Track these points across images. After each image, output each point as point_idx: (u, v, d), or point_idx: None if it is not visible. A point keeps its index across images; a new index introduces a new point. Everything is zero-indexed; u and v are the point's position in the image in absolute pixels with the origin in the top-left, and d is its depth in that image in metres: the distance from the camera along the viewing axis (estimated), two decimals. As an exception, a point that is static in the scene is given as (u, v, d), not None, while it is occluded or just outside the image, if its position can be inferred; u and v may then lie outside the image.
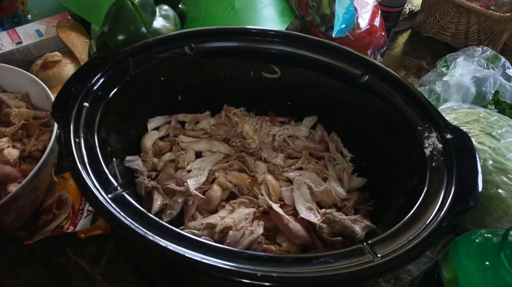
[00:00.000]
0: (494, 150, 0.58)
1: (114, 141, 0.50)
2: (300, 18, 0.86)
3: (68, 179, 0.60)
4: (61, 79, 0.71)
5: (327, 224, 0.49)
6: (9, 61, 0.73)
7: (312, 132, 0.63)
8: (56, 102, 0.45)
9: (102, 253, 0.56)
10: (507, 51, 1.01)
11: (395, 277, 0.57)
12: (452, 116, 0.65)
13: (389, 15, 0.92)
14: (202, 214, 0.51)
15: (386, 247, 0.37)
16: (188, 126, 0.62)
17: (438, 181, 0.44)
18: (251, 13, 0.77)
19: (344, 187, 0.57)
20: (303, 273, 0.35)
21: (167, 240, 0.35)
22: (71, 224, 0.55)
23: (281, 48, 0.58)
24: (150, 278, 0.49)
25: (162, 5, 0.66)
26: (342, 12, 0.79)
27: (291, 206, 0.53)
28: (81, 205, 0.57)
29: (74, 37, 0.77)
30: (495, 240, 0.39)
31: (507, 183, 0.56)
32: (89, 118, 0.45)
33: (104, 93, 0.48)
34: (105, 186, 0.39)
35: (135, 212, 0.38)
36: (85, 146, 0.42)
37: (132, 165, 0.53)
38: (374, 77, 0.55)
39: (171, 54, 0.55)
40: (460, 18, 0.96)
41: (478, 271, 0.39)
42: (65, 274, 0.54)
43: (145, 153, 0.56)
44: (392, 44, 1.01)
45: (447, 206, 0.41)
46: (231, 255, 0.35)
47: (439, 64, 0.86)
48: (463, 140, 0.47)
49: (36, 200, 0.56)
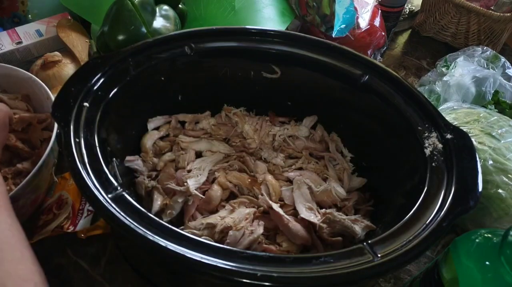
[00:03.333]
0: (494, 150, 0.58)
1: (114, 141, 0.50)
2: (300, 18, 0.86)
3: (68, 179, 0.60)
4: (61, 79, 0.71)
5: (327, 224, 0.49)
6: (9, 61, 0.73)
7: (312, 132, 0.63)
8: (56, 102, 0.45)
9: (102, 253, 0.56)
10: (507, 51, 1.01)
11: (395, 277, 0.57)
12: (452, 116, 0.65)
13: (389, 15, 0.92)
14: (202, 214, 0.51)
15: (386, 247, 0.37)
16: (188, 126, 0.62)
17: (438, 181, 0.44)
18: (251, 13, 0.77)
19: (344, 187, 0.57)
20: (303, 273, 0.35)
21: (167, 240, 0.35)
22: (71, 224, 0.55)
23: (281, 48, 0.58)
24: (150, 278, 0.49)
25: (162, 5, 0.67)
26: (342, 12, 0.79)
27: (291, 206, 0.53)
28: (81, 205, 0.57)
29: (74, 37, 0.77)
30: (495, 240, 0.39)
31: (507, 183, 0.56)
32: (89, 118, 0.45)
33: (104, 93, 0.48)
34: (105, 186, 0.39)
35: (135, 212, 0.38)
36: (85, 146, 0.42)
37: (132, 165, 0.53)
38: (374, 77, 0.55)
39: (171, 54, 0.55)
40: (460, 18, 0.96)
41: (478, 271, 0.39)
42: (65, 274, 0.54)
43: (145, 153, 0.56)
44: (392, 44, 1.01)
45: (447, 206, 0.41)
46: (231, 255, 0.35)
47: (439, 64, 0.86)
48: (463, 140, 0.47)
49: (36, 200, 0.56)
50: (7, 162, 0.57)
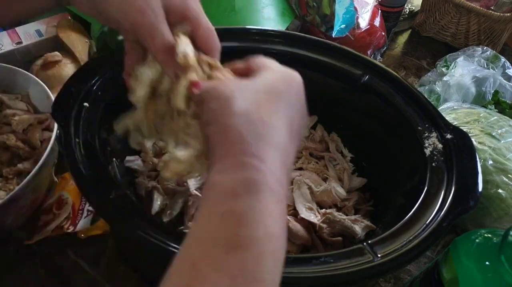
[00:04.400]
0: (494, 150, 0.58)
1: (114, 141, 0.50)
2: (300, 18, 0.86)
3: (68, 179, 0.60)
4: (61, 79, 0.71)
5: (327, 224, 0.49)
6: (9, 61, 0.73)
7: (312, 132, 0.63)
8: (56, 102, 0.45)
9: (102, 253, 0.56)
10: (507, 51, 1.01)
11: (395, 277, 0.57)
12: (452, 116, 0.65)
13: (389, 15, 0.92)
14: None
15: (386, 247, 0.37)
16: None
17: (438, 181, 0.44)
18: (251, 13, 0.77)
19: (344, 187, 0.57)
20: (303, 273, 0.35)
21: (167, 240, 0.35)
22: (71, 224, 0.54)
23: (281, 48, 0.58)
24: (150, 278, 0.49)
25: (162, 5, 0.66)
26: (342, 12, 0.79)
27: (291, 206, 0.53)
28: (81, 205, 0.57)
29: (74, 37, 0.77)
30: (495, 240, 0.40)
31: (507, 183, 0.56)
32: (89, 118, 0.45)
33: (104, 93, 0.48)
34: (105, 186, 0.39)
35: (135, 212, 0.38)
36: (85, 146, 0.42)
37: (132, 165, 0.53)
38: (374, 77, 0.55)
39: (171, 54, 0.55)
40: (460, 18, 0.96)
41: (478, 271, 0.39)
42: (65, 274, 0.53)
43: (145, 153, 0.56)
44: (392, 44, 1.01)
45: (447, 206, 0.41)
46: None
47: (439, 64, 0.86)
48: (463, 140, 0.47)
49: (36, 200, 0.56)
50: (8, 162, 0.57)
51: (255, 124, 0.29)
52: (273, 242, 0.26)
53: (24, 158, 0.58)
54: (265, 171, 0.27)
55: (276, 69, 0.34)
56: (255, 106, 0.30)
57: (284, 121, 0.31)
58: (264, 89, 0.31)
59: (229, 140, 0.29)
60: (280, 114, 0.31)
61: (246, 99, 0.30)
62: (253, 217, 0.26)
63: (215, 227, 0.26)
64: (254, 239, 0.25)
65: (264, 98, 0.31)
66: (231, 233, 0.25)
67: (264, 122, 0.29)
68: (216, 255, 0.24)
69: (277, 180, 0.28)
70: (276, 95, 0.32)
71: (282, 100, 0.31)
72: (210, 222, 0.26)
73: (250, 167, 0.27)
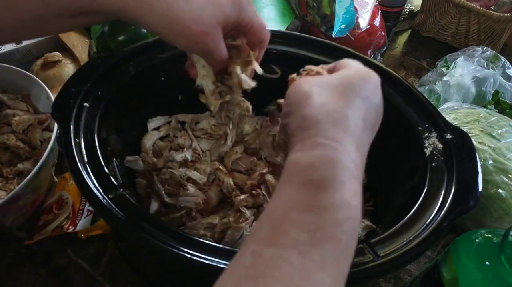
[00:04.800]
0: (494, 150, 0.58)
1: (114, 141, 0.50)
2: (300, 18, 0.86)
3: (68, 179, 0.60)
4: (61, 79, 0.71)
5: (327, 224, 0.49)
6: (9, 61, 0.73)
7: (312, 132, 0.63)
8: (56, 102, 0.45)
9: (102, 253, 0.56)
10: (507, 51, 1.01)
11: (395, 277, 0.57)
12: (452, 116, 0.65)
13: (389, 15, 0.92)
14: (202, 214, 0.51)
15: (387, 247, 0.37)
16: (188, 126, 0.62)
17: (438, 181, 0.44)
18: (251, 13, 0.77)
19: (344, 187, 0.56)
20: (303, 273, 0.35)
21: (167, 240, 0.35)
22: (71, 224, 0.55)
23: (281, 48, 0.58)
24: (150, 278, 0.49)
25: (162, 5, 0.66)
26: (342, 12, 0.79)
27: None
28: (81, 205, 0.57)
29: (74, 37, 0.77)
30: (495, 240, 0.40)
31: (507, 183, 0.56)
32: (89, 118, 0.45)
33: (104, 93, 0.48)
34: (105, 186, 0.39)
35: (135, 212, 0.38)
36: (85, 146, 0.42)
37: (132, 165, 0.53)
38: (374, 77, 0.55)
39: (171, 54, 0.55)
40: (460, 18, 0.96)
41: (478, 271, 0.39)
42: (65, 274, 0.54)
43: (145, 153, 0.56)
44: (392, 44, 1.01)
45: (447, 206, 0.41)
46: (231, 255, 0.35)
47: (439, 64, 0.86)
48: (463, 140, 0.47)
49: (36, 200, 0.56)
50: (8, 162, 0.57)
51: (331, 114, 0.32)
52: (350, 210, 0.28)
53: (24, 158, 0.58)
54: (340, 150, 0.30)
55: (353, 67, 0.36)
56: (331, 99, 0.33)
57: (358, 113, 0.33)
58: (340, 84, 0.34)
59: (306, 125, 0.32)
60: (354, 107, 0.33)
61: (323, 93, 0.33)
62: (330, 185, 0.28)
63: (295, 193, 0.28)
64: (331, 204, 0.27)
65: (339, 92, 0.33)
66: (309, 198, 0.27)
67: (339, 113, 0.32)
68: (295, 215, 0.27)
69: (352, 161, 0.30)
70: (350, 89, 0.34)
71: (356, 94, 0.34)
72: (290, 189, 0.29)
73: (327, 146, 0.30)
